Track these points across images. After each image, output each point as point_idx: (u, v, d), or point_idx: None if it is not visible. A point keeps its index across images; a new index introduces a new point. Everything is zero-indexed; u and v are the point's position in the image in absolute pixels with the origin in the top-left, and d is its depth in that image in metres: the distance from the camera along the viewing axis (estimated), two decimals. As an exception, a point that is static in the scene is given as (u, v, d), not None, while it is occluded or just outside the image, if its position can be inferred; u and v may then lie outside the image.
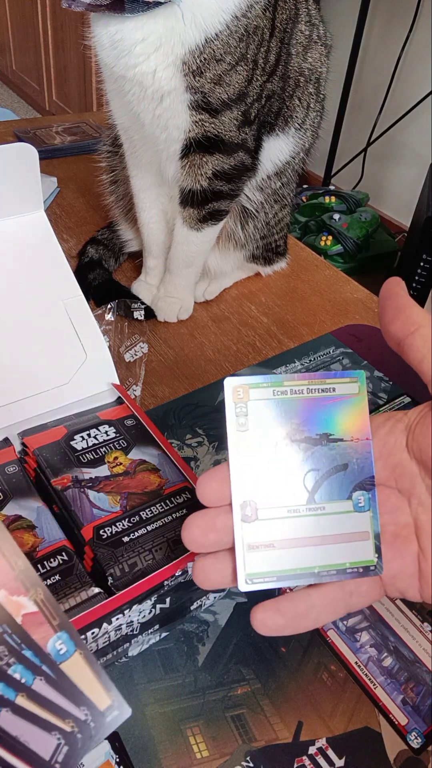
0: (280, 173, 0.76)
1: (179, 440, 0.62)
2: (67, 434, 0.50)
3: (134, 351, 0.70)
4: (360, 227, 2.20)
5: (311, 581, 0.32)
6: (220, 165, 0.66)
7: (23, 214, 0.54)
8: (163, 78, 0.59)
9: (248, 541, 0.32)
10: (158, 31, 0.56)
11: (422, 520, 0.33)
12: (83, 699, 0.30)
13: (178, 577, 0.41)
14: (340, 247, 2.18)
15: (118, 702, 0.30)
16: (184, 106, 0.61)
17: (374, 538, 0.33)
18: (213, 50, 0.57)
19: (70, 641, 0.30)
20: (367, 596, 0.33)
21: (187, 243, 0.74)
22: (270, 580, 0.32)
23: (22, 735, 0.28)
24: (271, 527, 0.32)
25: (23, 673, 0.29)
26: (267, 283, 0.88)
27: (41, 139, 1.16)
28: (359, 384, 0.34)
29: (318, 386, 0.33)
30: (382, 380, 0.71)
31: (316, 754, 0.41)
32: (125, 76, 0.60)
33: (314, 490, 0.33)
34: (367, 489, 0.33)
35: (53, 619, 0.30)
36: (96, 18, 0.59)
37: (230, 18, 0.57)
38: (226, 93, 0.60)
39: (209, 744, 0.41)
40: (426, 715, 0.44)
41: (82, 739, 0.29)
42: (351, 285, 0.89)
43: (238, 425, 0.32)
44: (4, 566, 0.31)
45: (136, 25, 0.56)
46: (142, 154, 0.72)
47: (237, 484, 0.32)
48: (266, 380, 0.33)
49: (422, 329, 0.32)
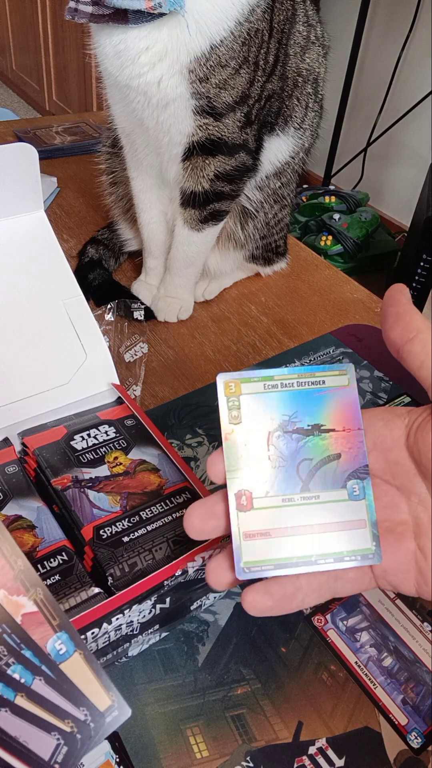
0: (280, 173, 0.76)
1: (179, 440, 0.62)
2: (67, 434, 0.50)
3: (134, 351, 0.70)
4: (360, 227, 2.20)
5: (309, 569, 0.33)
6: (222, 166, 0.66)
7: (23, 214, 0.54)
8: (169, 86, 0.59)
9: (244, 529, 0.32)
10: (163, 40, 0.56)
11: (422, 520, 0.33)
12: (83, 699, 0.30)
13: (178, 577, 0.41)
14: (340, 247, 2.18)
15: (119, 702, 0.30)
16: (189, 111, 0.61)
17: (371, 526, 0.33)
18: (218, 56, 0.58)
19: (69, 641, 0.30)
20: (354, 583, 0.34)
21: (188, 243, 0.74)
22: (267, 568, 0.32)
23: (21, 735, 0.28)
24: (266, 516, 0.33)
25: (23, 673, 0.29)
26: (267, 283, 0.88)
27: (41, 139, 1.16)
28: (348, 376, 0.34)
29: (308, 379, 0.34)
30: (382, 380, 0.71)
31: (316, 754, 0.41)
32: (130, 86, 0.60)
33: (308, 479, 0.33)
34: (361, 478, 0.34)
35: (53, 619, 0.30)
36: (98, 28, 0.59)
37: (234, 24, 0.57)
38: (230, 96, 0.61)
39: (209, 744, 0.41)
40: (426, 715, 0.44)
41: (81, 740, 0.29)
42: (351, 285, 0.89)
43: (230, 418, 0.33)
44: (4, 566, 0.31)
45: (140, 35, 0.56)
46: (144, 156, 0.72)
47: (231, 474, 0.33)
48: (257, 375, 0.34)
49: (421, 335, 0.32)
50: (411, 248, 1.92)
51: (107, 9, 0.55)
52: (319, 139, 0.79)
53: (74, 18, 0.57)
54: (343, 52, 2.25)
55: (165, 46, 0.57)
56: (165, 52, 0.57)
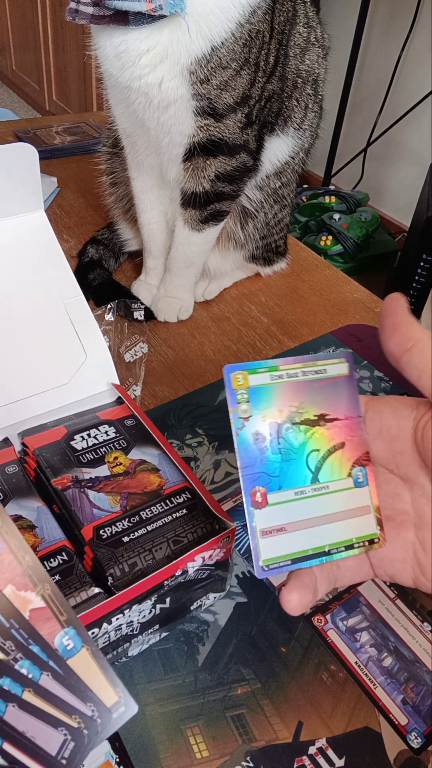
0: (280, 173, 0.76)
1: (179, 440, 0.62)
2: (67, 434, 0.50)
3: (134, 351, 0.70)
4: (360, 227, 2.20)
5: (324, 560, 0.33)
6: (223, 167, 0.66)
7: (23, 214, 0.54)
8: (170, 88, 0.59)
9: (261, 527, 0.32)
10: (163, 42, 0.56)
11: (424, 512, 0.33)
12: (90, 695, 0.30)
13: (178, 577, 0.41)
14: (340, 247, 2.18)
15: (125, 698, 0.30)
16: (190, 112, 0.61)
17: (375, 511, 0.34)
18: (219, 58, 0.58)
19: (77, 637, 0.30)
20: (353, 572, 0.34)
21: (188, 244, 0.74)
22: (285, 563, 0.32)
23: (28, 730, 0.28)
24: (280, 511, 0.33)
25: (30, 668, 0.29)
26: (267, 283, 0.88)
27: (41, 139, 1.16)
28: (348, 364, 0.35)
29: (311, 368, 0.34)
30: (382, 380, 0.71)
31: (316, 754, 0.41)
32: (131, 87, 0.61)
33: (317, 470, 0.33)
34: (364, 464, 0.34)
35: (60, 615, 0.30)
36: (99, 29, 0.59)
37: (235, 26, 0.57)
38: (231, 97, 0.61)
39: (209, 744, 0.41)
40: (426, 715, 0.44)
41: (88, 735, 0.29)
42: (351, 285, 0.89)
43: (240, 412, 0.33)
44: (12, 561, 0.31)
45: (141, 36, 0.56)
46: (144, 157, 0.72)
47: (245, 471, 0.33)
48: (263, 365, 0.34)
49: (419, 344, 0.31)
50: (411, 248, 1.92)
51: (108, 10, 0.55)
52: (318, 139, 0.79)
53: (75, 19, 0.57)
54: (343, 52, 2.25)
55: (166, 48, 0.57)
56: (166, 53, 0.57)
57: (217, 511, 0.45)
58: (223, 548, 0.43)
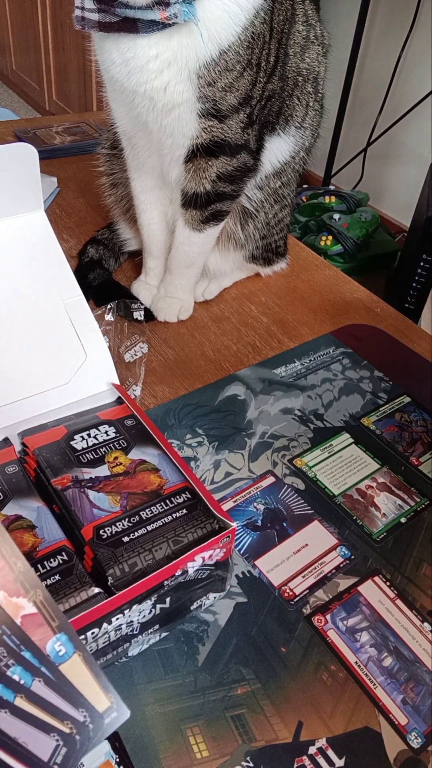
0: (280, 173, 0.76)
1: (179, 440, 0.62)
2: (67, 434, 0.50)
3: (134, 351, 0.70)
4: (360, 227, 2.19)
5: None
6: (224, 167, 0.66)
7: (23, 214, 0.55)
8: (176, 92, 0.59)
9: None
10: (172, 47, 0.57)
11: None
12: (82, 701, 0.30)
13: (178, 577, 0.41)
14: (340, 247, 2.18)
15: (117, 704, 0.30)
16: (194, 114, 0.62)
17: None
18: (226, 61, 0.58)
19: (69, 643, 0.30)
20: None
21: (189, 244, 0.74)
22: None
23: (20, 736, 0.28)
24: None
25: (22, 674, 0.29)
26: (267, 283, 0.88)
27: (41, 139, 1.15)
28: None
29: None
30: (382, 380, 0.71)
31: (316, 754, 0.41)
32: (136, 92, 0.61)
33: None
34: None
35: (52, 621, 0.30)
36: (104, 35, 0.59)
37: (241, 29, 0.57)
38: (235, 98, 0.61)
39: (209, 744, 0.41)
40: (426, 715, 0.44)
41: (80, 741, 0.29)
42: (351, 285, 0.89)
43: None
44: (4, 568, 0.31)
45: (150, 43, 0.57)
46: (145, 158, 0.72)
47: None
48: None
49: None
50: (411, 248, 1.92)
51: (115, 17, 0.55)
52: (319, 138, 0.79)
53: (84, 27, 0.57)
54: (343, 52, 2.25)
55: (174, 53, 0.57)
56: (174, 58, 0.57)
57: (217, 511, 0.45)
58: (223, 548, 0.43)
